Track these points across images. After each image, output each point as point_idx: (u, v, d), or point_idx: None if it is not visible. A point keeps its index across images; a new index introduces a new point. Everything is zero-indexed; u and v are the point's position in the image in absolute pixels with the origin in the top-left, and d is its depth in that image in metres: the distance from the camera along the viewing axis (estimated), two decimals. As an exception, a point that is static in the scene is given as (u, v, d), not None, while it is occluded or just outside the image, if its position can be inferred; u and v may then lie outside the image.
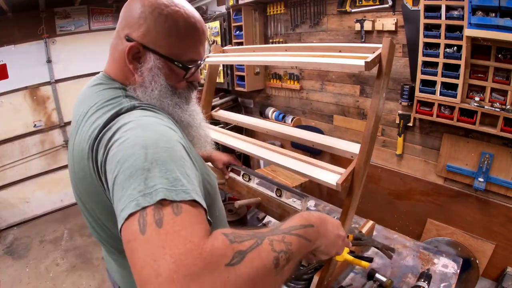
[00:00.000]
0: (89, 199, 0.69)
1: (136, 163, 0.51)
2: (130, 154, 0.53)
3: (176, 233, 0.44)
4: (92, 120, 0.65)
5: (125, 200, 0.49)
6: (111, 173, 0.54)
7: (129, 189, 0.49)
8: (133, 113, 0.63)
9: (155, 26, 0.68)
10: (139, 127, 0.58)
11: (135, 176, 0.50)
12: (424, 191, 2.30)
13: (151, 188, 0.48)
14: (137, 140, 0.55)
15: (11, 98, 3.42)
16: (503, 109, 1.73)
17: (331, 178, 1.01)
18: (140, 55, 0.69)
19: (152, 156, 0.52)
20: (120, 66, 0.72)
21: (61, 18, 3.57)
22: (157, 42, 0.68)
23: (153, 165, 0.51)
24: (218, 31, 3.41)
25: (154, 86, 0.69)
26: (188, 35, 0.71)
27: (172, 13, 0.68)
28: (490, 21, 1.61)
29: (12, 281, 2.73)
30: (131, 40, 0.68)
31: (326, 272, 1.04)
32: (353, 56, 0.98)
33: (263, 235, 0.53)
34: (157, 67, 0.69)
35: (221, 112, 1.70)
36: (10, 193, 3.56)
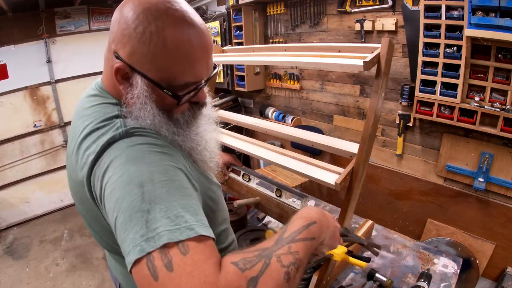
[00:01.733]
0: (88, 216, 0.69)
1: (134, 204, 0.50)
2: (127, 193, 0.51)
3: (189, 275, 0.44)
4: (86, 145, 0.61)
5: (128, 244, 0.48)
6: (111, 212, 0.52)
7: (131, 233, 0.48)
8: (125, 142, 0.58)
9: (140, 46, 0.57)
10: (131, 160, 0.54)
11: (135, 219, 0.49)
12: (424, 191, 2.30)
13: (154, 232, 0.47)
14: (131, 176, 0.52)
15: (11, 98, 3.42)
16: (503, 109, 1.73)
17: (330, 177, 1.01)
18: (129, 76, 0.60)
19: (150, 195, 0.50)
20: (113, 81, 0.63)
21: (61, 18, 3.57)
22: (143, 64, 0.58)
23: (152, 205, 0.49)
24: (218, 31, 3.41)
25: (144, 114, 0.61)
26: (181, 54, 0.58)
27: (162, 30, 0.56)
28: (490, 21, 1.61)
29: (12, 281, 2.73)
30: (119, 58, 0.59)
31: (325, 272, 1.04)
32: (352, 56, 0.98)
33: (270, 252, 0.53)
34: (144, 94, 0.60)
35: (221, 112, 1.70)
36: (10, 193, 3.56)
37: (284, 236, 0.58)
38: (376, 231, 1.49)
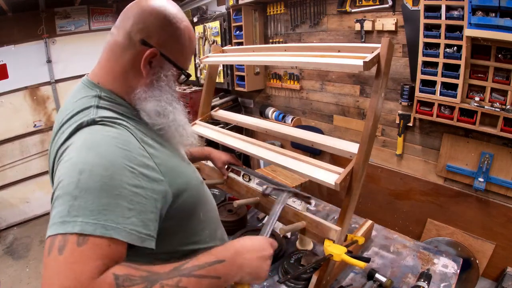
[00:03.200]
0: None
1: (68, 187, 0.54)
2: (66, 175, 0.56)
3: (69, 265, 0.49)
4: (59, 135, 0.67)
5: (52, 219, 0.53)
6: (53, 187, 0.59)
7: (55, 210, 0.54)
8: (89, 129, 0.63)
9: (174, 38, 0.73)
10: (85, 147, 0.59)
11: (61, 200, 0.54)
12: (424, 191, 2.30)
13: (72, 218, 0.52)
14: (77, 162, 0.57)
15: (11, 98, 3.42)
16: (503, 109, 1.73)
17: (330, 177, 1.01)
18: (154, 60, 0.72)
19: (83, 184, 0.54)
20: (123, 68, 0.72)
21: (61, 18, 3.58)
22: (174, 52, 0.74)
23: (81, 194, 0.53)
24: (218, 31, 3.41)
25: (167, 90, 0.75)
26: (192, 49, 0.79)
27: (186, 28, 0.75)
28: (490, 21, 1.61)
29: (12, 281, 2.73)
30: (148, 44, 0.70)
31: (324, 272, 1.04)
32: (352, 56, 0.99)
33: (158, 278, 0.54)
34: (172, 74, 0.76)
35: (221, 112, 1.71)
36: (10, 193, 3.56)
37: (183, 267, 0.58)
38: (376, 231, 1.49)
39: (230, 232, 1.47)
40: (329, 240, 1.01)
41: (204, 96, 1.65)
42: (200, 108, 1.67)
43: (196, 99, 3.74)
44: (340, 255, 0.96)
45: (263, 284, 1.19)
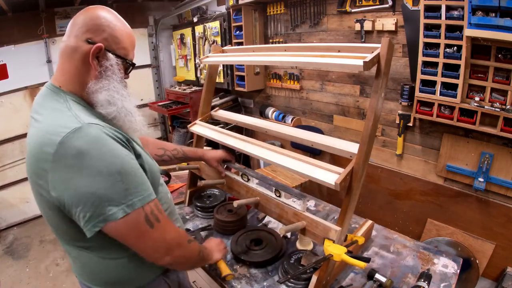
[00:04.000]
0: (46, 208, 0.84)
1: (111, 180, 0.75)
2: (101, 175, 0.75)
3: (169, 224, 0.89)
4: (47, 141, 0.75)
5: (105, 206, 0.74)
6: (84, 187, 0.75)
7: (108, 197, 0.75)
8: (86, 133, 0.75)
9: (113, 34, 0.86)
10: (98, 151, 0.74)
11: (114, 188, 0.76)
12: (424, 191, 2.30)
13: (132, 197, 0.78)
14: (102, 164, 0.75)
15: (11, 98, 3.42)
16: (503, 109, 1.73)
17: (330, 177, 1.01)
18: (100, 55, 0.84)
19: (124, 173, 0.77)
20: (75, 68, 0.84)
21: (61, 18, 3.57)
22: (115, 46, 0.87)
23: (124, 179, 0.77)
24: (218, 31, 3.41)
25: (114, 78, 0.86)
26: (130, 42, 0.91)
27: (122, 26, 0.89)
28: (490, 21, 1.61)
29: (12, 281, 2.73)
30: (94, 42, 0.83)
31: (325, 272, 1.04)
32: (352, 56, 0.98)
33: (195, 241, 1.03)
34: (116, 64, 0.86)
35: (221, 112, 1.70)
36: (10, 193, 3.56)
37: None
38: (376, 231, 1.49)
39: (230, 232, 1.47)
40: (329, 240, 1.01)
41: (204, 96, 1.65)
42: (200, 108, 1.67)
43: (196, 99, 3.74)
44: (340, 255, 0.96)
45: (263, 284, 1.19)
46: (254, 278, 1.23)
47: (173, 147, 1.42)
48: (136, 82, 4.29)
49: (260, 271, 1.26)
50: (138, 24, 4.15)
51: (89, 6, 0.89)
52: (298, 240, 1.40)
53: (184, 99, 3.90)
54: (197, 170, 1.63)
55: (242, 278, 1.22)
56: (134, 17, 4.11)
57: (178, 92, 4.02)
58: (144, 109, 4.36)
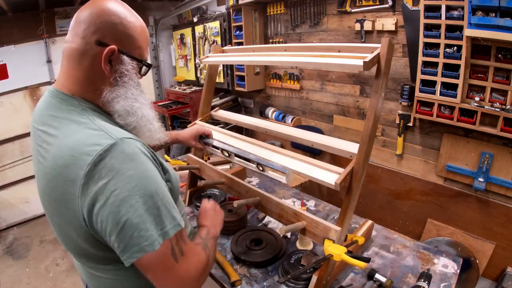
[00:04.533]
0: (63, 220, 0.75)
1: (146, 206, 0.68)
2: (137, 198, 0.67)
3: (193, 255, 0.77)
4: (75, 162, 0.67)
5: (144, 236, 0.66)
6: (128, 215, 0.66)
7: (145, 226, 0.66)
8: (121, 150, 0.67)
9: (126, 33, 0.75)
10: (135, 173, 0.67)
11: (149, 217, 0.67)
12: (424, 191, 2.30)
13: (164, 227, 0.70)
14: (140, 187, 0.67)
15: (11, 98, 3.42)
16: (503, 109, 1.73)
17: (330, 178, 1.01)
18: (113, 58, 0.75)
19: (157, 201, 0.70)
20: (85, 73, 0.75)
21: (61, 18, 3.57)
22: (130, 46, 0.77)
23: (159, 205, 0.69)
24: (218, 31, 3.41)
25: (131, 84, 0.78)
26: (146, 39, 0.82)
27: (135, 21, 0.78)
28: (490, 21, 1.61)
29: (12, 281, 2.73)
30: (104, 44, 0.73)
31: (325, 272, 1.04)
32: (352, 56, 0.99)
33: (206, 243, 0.88)
34: (132, 67, 0.78)
35: (221, 112, 1.70)
36: (10, 193, 3.56)
37: (203, 237, 0.92)
38: (376, 231, 1.49)
39: (230, 232, 1.47)
40: (329, 240, 1.01)
41: (204, 96, 1.65)
42: (200, 108, 1.67)
43: (196, 99, 3.74)
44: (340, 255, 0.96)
45: (263, 284, 1.19)
46: (254, 278, 1.23)
47: None
48: (136, 82, 4.30)
49: (260, 271, 1.26)
50: (138, 24, 4.15)
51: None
52: (298, 240, 1.41)
53: (184, 99, 3.91)
54: (197, 170, 1.64)
55: (242, 278, 1.22)
56: (134, 17, 4.11)
57: (178, 92, 4.02)
58: (144, 109, 4.37)
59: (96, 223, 0.65)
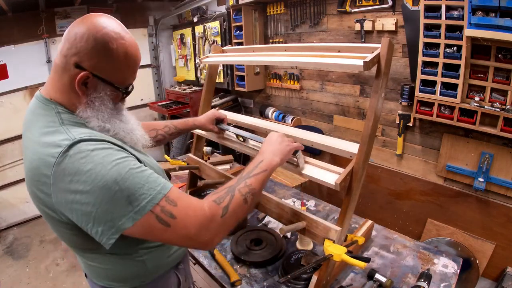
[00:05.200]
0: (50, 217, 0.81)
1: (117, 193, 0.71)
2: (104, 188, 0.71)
3: (186, 207, 0.77)
4: (41, 156, 0.73)
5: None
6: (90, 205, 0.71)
7: (116, 208, 0.71)
8: (79, 149, 0.72)
9: (105, 59, 0.76)
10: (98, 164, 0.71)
11: (117, 202, 0.71)
12: (424, 191, 2.30)
13: (147, 197, 0.73)
14: (105, 176, 0.70)
15: (11, 98, 3.43)
16: (503, 109, 1.73)
17: (330, 178, 1.01)
18: (89, 81, 0.76)
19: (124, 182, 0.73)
20: (65, 88, 0.78)
21: (61, 18, 3.58)
22: (106, 72, 0.77)
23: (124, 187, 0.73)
24: (218, 31, 3.41)
25: (103, 109, 0.80)
26: (130, 65, 0.81)
27: (119, 47, 0.77)
28: (490, 21, 1.61)
29: (12, 281, 2.73)
30: (82, 68, 0.75)
31: (325, 272, 1.04)
32: (352, 56, 0.98)
33: (234, 188, 0.85)
34: (106, 93, 0.80)
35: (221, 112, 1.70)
36: (10, 193, 3.56)
37: (243, 175, 0.90)
38: (376, 231, 1.49)
39: (230, 232, 1.47)
40: (329, 240, 1.01)
41: (204, 96, 1.65)
42: (200, 108, 1.67)
43: (196, 99, 3.74)
44: (340, 255, 0.96)
45: (263, 284, 1.19)
46: (254, 278, 1.23)
47: (164, 124, 1.38)
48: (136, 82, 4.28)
49: (260, 271, 1.26)
50: (138, 24, 4.16)
51: (90, 14, 0.78)
52: (298, 240, 1.41)
53: (184, 99, 3.91)
54: (197, 170, 1.63)
55: (242, 278, 1.22)
56: (134, 17, 4.11)
57: (178, 92, 4.02)
58: (144, 109, 4.37)
59: (72, 217, 0.72)
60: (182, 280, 1.06)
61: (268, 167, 0.93)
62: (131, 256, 0.88)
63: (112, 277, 0.92)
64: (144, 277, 0.94)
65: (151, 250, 0.92)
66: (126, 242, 0.78)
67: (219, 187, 0.87)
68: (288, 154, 1.02)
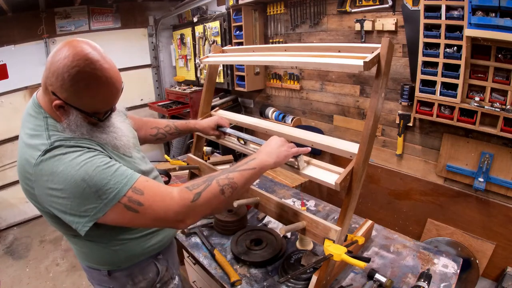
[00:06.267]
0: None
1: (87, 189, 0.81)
2: (74, 186, 0.81)
3: (157, 197, 0.84)
4: (26, 155, 0.84)
5: (87, 210, 0.81)
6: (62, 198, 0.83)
7: (88, 202, 0.81)
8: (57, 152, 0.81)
9: (76, 94, 0.82)
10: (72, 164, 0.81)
11: (90, 198, 0.81)
12: (424, 191, 2.30)
13: (114, 192, 0.82)
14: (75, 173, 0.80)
15: (11, 98, 3.42)
16: (503, 109, 1.73)
17: (330, 178, 1.01)
18: (64, 107, 0.84)
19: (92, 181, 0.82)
20: (48, 105, 0.86)
21: (61, 18, 3.58)
22: (79, 102, 0.83)
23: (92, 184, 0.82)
24: (218, 31, 3.41)
25: (79, 130, 0.87)
26: (101, 99, 0.86)
27: (90, 83, 0.81)
28: (490, 21, 1.61)
29: (12, 281, 2.73)
30: (57, 96, 0.82)
31: (324, 272, 1.04)
32: (352, 56, 0.98)
33: (213, 177, 0.89)
34: (80, 119, 0.86)
35: (221, 112, 1.70)
36: (10, 193, 3.56)
37: (229, 168, 0.93)
38: (376, 231, 1.49)
39: (230, 232, 1.47)
40: (329, 240, 1.01)
41: (204, 96, 1.65)
42: (200, 108, 1.67)
43: (196, 99, 3.74)
44: (340, 255, 0.96)
45: (263, 284, 1.20)
46: (254, 278, 1.23)
47: (165, 123, 1.42)
48: (136, 82, 4.30)
49: (260, 271, 1.26)
50: (138, 24, 4.15)
51: (71, 41, 0.82)
52: (298, 240, 1.41)
53: (184, 99, 3.91)
54: (197, 170, 1.64)
55: (242, 278, 1.22)
56: (134, 17, 4.11)
57: (178, 92, 4.02)
58: (144, 109, 4.37)
59: (53, 210, 0.83)
60: (162, 269, 1.13)
61: (258, 166, 0.95)
62: (106, 245, 0.99)
63: (91, 259, 1.05)
64: (118, 263, 1.04)
65: (124, 242, 1.01)
66: (101, 231, 0.91)
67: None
68: (284, 158, 1.02)
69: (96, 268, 1.06)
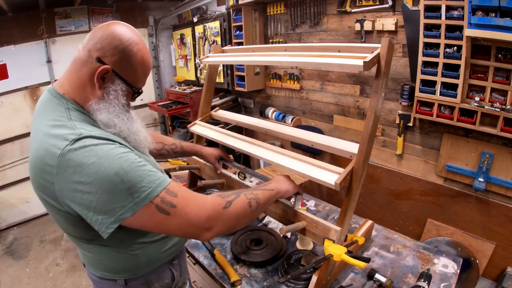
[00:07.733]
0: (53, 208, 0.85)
1: (120, 184, 0.77)
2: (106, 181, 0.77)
3: (193, 203, 0.84)
4: (47, 149, 0.78)
5: (122, 207, 0.76)
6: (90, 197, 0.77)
7: (120, 198, 0.76)
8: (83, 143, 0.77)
9: (125, 58, 0.84)
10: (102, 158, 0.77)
11: (123, 193, 0.76)
12: (424, 191, 2.30)
13: (148, 190, 0.79)
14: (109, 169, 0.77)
15: (11, 98, 3.42)
16: (503, 109, 1.73)
17: (330, 178, 1.01)
18: (107, 76, 0.84)
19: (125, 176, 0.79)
20: (81, 81, 0.84)
21: (61, 18, 3.58)
22: (124, 70, 0.85)
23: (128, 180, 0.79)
24: (218, 31, 3.41)
25: (115, 102, 0.87)
26: (144, 70, 0.90)
27: (138, 52, 0.86)
28: (490, 21, 1.61)
29: (12, 281, 2.73)
30: (103, 62, 0.82)
31: (324, 272, 1.04)
32: (352, 56, 0.98)
33: (240, 191, 0.96)
34: (121, 89, 0.87)
35: (221, 112, 1.71)
36: (10, 193, 3.56)
37: (252, 188, 1.05)
38: (376, 231, 1.49)
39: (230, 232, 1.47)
40: (329, 240, 1.01)
41: (204, 96, 1.65)
42: (200, 108, 1.67)
43: (196, 99, 3.74)
44: (340, 255, 0.96)
45: (263, 284, 1.20)
46: (254, 278, 1.23)
47: (172, 141, 1.43)
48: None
49: (260, 271, 1.26)
50: (138, 24, 4.15)
51: (114, 21, 0.87)
52: (298, 240, 1.41)
53: (184, 99, 3.91)
54: (197, 170, 1.64)
55: (242, 278, 1.22)
56: (134, 17, 4.11)
57: (178, 92, 4.02)
58: (144, 109, 4.37)
59: (74, 206, 0.77)
60: (177, 275, 1.10)
61: (276, 189, 1.06)
62: (125, 250, 0.93)
63: (106, 267, 0.97)
64: (137, 270, 0.98)
65: (144, 246, 0.96)
66: (121, 235, 0.84)
67: (219, 187, 0.93)
68: (292, 190, 1.14)
69: (110, 278, 0.98)
